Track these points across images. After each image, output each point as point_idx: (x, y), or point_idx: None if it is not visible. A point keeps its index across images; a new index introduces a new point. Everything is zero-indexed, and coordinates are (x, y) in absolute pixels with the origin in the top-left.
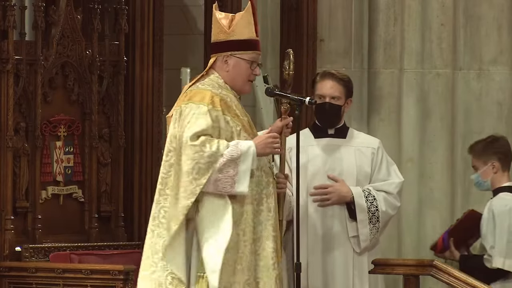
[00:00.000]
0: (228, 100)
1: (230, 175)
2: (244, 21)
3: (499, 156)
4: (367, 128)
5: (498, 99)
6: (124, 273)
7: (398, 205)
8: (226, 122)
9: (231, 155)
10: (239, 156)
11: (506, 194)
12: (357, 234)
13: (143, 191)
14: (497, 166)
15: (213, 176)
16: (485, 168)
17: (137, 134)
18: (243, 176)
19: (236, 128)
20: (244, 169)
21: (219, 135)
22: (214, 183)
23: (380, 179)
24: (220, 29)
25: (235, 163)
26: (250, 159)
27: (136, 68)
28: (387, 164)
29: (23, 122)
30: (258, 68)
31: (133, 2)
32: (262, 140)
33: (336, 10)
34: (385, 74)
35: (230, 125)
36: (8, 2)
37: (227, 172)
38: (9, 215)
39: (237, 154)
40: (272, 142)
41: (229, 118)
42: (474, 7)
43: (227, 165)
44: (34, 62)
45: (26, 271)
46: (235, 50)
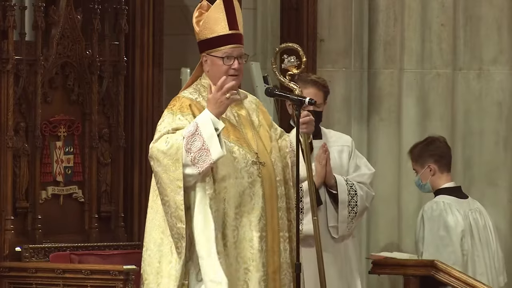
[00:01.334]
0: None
1: (199, 147)
2: (212, 18)
3: (435, 158)
4: (367, 128)
5: (498, 99)
6: (124, 273)
7: (372, 194)
8: None
9: (188, 131)
10: (196, 128)
11: (442, 197)
12: (336, 224)
13: (143, 191)
14: (434, 168)
15: (187, 160)
16: (423, 171)
17: (137, 134)
18: (211, 141)
19: None
20: (209, 135)
21: None
22: (194, 163)
23: (351, 172)
24: (195, 31)
25: (198, 135)
26: (210, 124)
27: (136, 68)
28: (358, 158)
29: (23, 122)
30: (236, 61)
31: (133, 2)
32: (211, 98)
33: (336, 10)
34: (385, 74)
35: None
36: (8, 2)
37: (195, 146)
38: (9, 215)
39: (194, 128)
40: (220, 95)
41: None
42: (474, 7)
43: (190, 142)
44: (34, 62)
45: (26, 272)
46: (207, 49)
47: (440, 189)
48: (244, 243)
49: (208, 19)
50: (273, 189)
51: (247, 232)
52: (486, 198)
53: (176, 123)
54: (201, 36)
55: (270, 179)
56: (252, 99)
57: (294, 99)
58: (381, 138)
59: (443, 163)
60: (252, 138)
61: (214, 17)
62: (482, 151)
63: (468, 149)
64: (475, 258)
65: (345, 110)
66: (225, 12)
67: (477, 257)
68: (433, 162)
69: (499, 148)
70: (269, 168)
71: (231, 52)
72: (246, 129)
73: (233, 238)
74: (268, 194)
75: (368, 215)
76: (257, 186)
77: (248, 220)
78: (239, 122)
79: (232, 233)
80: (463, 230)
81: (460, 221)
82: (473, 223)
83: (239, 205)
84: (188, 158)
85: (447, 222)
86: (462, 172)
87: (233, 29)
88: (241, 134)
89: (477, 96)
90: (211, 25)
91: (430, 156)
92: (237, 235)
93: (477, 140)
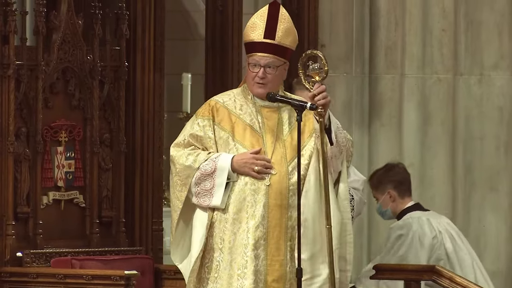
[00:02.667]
0: (229, 106)
1: (207, 189)
2: (252, 24)
3: (394, 185)
4: (368, 132)
5: (499, 104)
6: (125, 278)
7: (364, 201)
8: (212, 131)
9: (205, 169)
10: (213, 171)
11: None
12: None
13: (144, 196)
14: (394, 195)
15: (192, 189)
16: (383, 197)
17: (138, 139)
18: (218, 189)
19: (222, 137)
20: (219, 183)
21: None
22: (196, 195)
23: None
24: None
25: (211, 177)
26: (225, 174)
27: (137, 73)
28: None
29: (24, 127)
30: (262, 70)
31: (134, 7)
32: (242, 158)
33: (337, 15)
34: (386, 79)
35: (216, 134)
36: (9, 7)
37: (204, 185)
38: (10, 220)
39: (211, 169)
40: (252, 163)
41: (218, 127)
42: (475, 12)
43: (202, 178)
44: (35, 67)
45: (27, 277)
46: (246, 54)
47: (402, 211)
48: (240, 249)
49: (250, 24)
50: (283, 199)
51: (243, 238)
52: (487, 202)
53: (194, 129)
54: (243, 38)
55: (280, 188)
56: None
57: (295, 104)
58: (382, 142)
59: (402, 189)
60: (270, 146)
61: (254, 22)
62: (483, 156)
63: (469, 154)
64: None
65: (346, 115)
66: (266, 19)
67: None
68: (392, 189)
69: (500, 153)
70: (282, 178)
71: (258, 60)
72: (267, 137)
73: (229, 243)
74: (274, 204)
75: (369, 221)
76: (261, 194)
77: (246, 226)
78: (262, 129)
79: (229, 238)
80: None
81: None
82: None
83: (239, 211)
84: (193, 189)
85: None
86: (463, 177)
87: (268, 38)
88: (258, 141)
89: (478, 101)
90: (249, 30)
91: (389, 182)
92: (233, 241)
93: (478, 145)
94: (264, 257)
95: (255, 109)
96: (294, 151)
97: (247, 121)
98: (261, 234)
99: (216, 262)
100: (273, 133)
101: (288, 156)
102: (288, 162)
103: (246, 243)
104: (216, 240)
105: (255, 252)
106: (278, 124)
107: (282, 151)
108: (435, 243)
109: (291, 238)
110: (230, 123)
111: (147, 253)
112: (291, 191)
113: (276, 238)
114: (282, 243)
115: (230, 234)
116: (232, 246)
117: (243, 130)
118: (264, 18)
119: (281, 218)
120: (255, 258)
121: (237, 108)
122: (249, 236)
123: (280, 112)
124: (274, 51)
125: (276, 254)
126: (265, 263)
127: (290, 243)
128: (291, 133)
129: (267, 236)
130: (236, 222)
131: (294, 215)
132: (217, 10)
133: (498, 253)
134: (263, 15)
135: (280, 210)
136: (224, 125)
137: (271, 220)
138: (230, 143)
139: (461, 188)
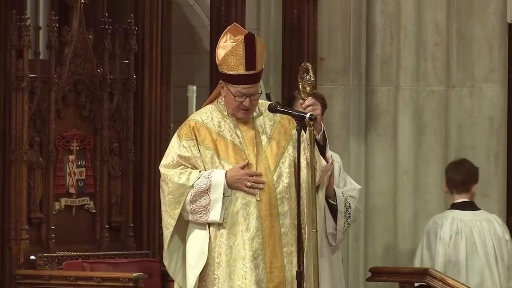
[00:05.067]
0: (208, 124)
1: (203, 205)
2: (232, 56)
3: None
4: (365, 142)
5: (489, 115)
6: (133, 280)
7: (360, 209)
8: (197, 150)
9: (199, 186)
10: (208, 188)
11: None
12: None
13: (151, 203)
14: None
15: (187, 207)
16: None
17: (146, 148)
18: (214, 205)
19: (208, 156)
20: (215, 198)
21: (191, 163)
22: (191, 212)
23: (341, 186)
24: (216, 55)
25: (206, 193)
26: (221, 189)
27: (145, 86)
28: (345, 173)
29: (38, 137)
30: (248, 100)
31: (142, 23)
32: (236, 174)
33: (336, 30)
34: (382, 91)
35: (201, 153)
36: (23, 23)
37: (200, 202)
38: (24, 225)
39: (206, 186)
40: (245, 180)
41: (202, 146)
42: (467, 27)
43: (198, 196)
44: (48, 80)
45: (40, 279)
46: (224, 80)
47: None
48: (238, 261)
49: (228, 56)
50: (272, 208)
51: (240, 251)
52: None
53: (181, 151)
54: (220, 67)
55: (269, 198)
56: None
57: (295, 115)
58: (378, 152)
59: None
60: (253, 159)
61: (234, 54)
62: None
63: None
64: None
65: (343, 125)
66: (245, 51)
67: None
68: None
69: (490, 162)
70: (269, 188)
71: (244, 92)
72: (249, 150)
73: (226, 256)
74: (265, 214)
75: (365, 225)
76: (252, 206)
77: (242, 239)
78: (243, 143)
79: (225, 252)
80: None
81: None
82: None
83: (233, 225)
84: (188, 207)
85: None
86: None
87: (250, 69)
88: (242, 156)
89: (469, 112)
90: (229, 62)
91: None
92: (230, 254)
93: (469, 154)
94: (264, 266)
95: (232, 124)
96: (275, 161)
97: (227, 137)
98: (257, 245)
99: (214, 276)
100: (253, 146)
101: (271, 166)
102: (272, 172)
103: (244, 255)
104: (213, 254)
105: (254, 263)
106: (255, 136)
107: (265, 162)
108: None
109: (286, 244)
110: (212, 142)
111: (154, 256)
112: (279, 200)
113: (272, 246)
114: (278, 250)
115: (226, 248)
116: (230, 259)
117: (225, 147)
118: (243, 49)
119: (274, 227)
120: (255, 268)
121: (215, 125)
122: (246, 248)
123: (255, 124)
124: (256, 79)
125: (274, 262)
126: (265, 271)
127: (286, 249)
128: (269, 143)
129: (264, 246)
130: (231, 235)
131: (286, 222)
132: (221, 25)
133: None
134: (238, 49)
135: (272, 219)
136: (207, 144)
137: (265, 230)
138: (215, 161)
139: None
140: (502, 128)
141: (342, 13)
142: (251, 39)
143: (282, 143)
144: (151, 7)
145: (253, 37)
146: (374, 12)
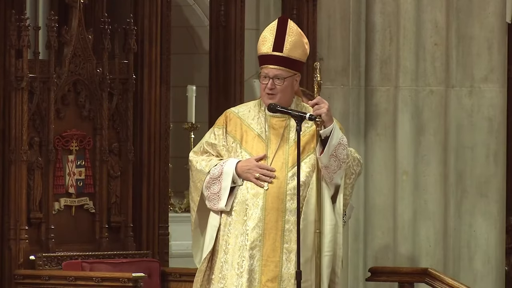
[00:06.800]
0: (243, 116)
1: (215, 192)
2: (263, 37)
3: None
4: (364, 142)
5: (488, 115)
6: (133, 280)
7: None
8: (225, 139)
9: (213, 173)
10: (220, 174)
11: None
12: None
13: (151, 203)
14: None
15: (204, 193)
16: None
17: (145, 148)
18: (224, 192)
19: (232, 145)
20: (225, 186)
21: (217, 150)
22: (207, 199)
23: None
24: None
25: (218, 180)
26: (229, 178)
27: (144, 86)
28: None
29: (37, 137)
30: (271, 81)
31: (142, 23)
32: (247, 164)
33: (335, 30)
34: (381, 91)
35: (227, 142)
36: (22, 23)
37: (213, 189)
38: (23, 225)
39: (218, 173)
40: (255, 171)
41: (229, 135)
42: (466, 27)
43: (211, 182)
44: (47, 80)
45: (39, 279)
46: (259, 65)
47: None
48: (240, 250)
49: (261, 38)
50: (280, 203)
51: (242, 240)
52: (477, 209)
53: (210, 137)
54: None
55: (277, 193)
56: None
57: (295, 115)
58: (377, 152)
59: None
60: (273, 152)
61: (265, 36)
62: (474, 164)
63: (460, 163)
64: None
65: (343, 125)
66: (275, 33)
67: None
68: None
69: (490, 161)
70: (280, 183)
71: (268, 72)
72: (272, 144)
73: (231, 244)
74: (271, 207)
75: (365, 225)
76: (259, 197)
77: (245, 228)
78: (268, 136)
79: (231, 240)
80: None
81: None
82: None
83: (240, 214)
84: (205, 193)
85: None
86: (455, 184)
87: (276, 50)
88: (262, 149)
89: (468, 112)
90: (261, 44)
91: None
92: (234, 242)
93: (469, 154)
94: (259, 258)
95: (264, 118)
96: (295, 158)
97: (256, 130)
98: (256, 235)
99: (220, 263)
100: (278, 141)
101: (290, 162)
102: (289, 168)
103: (244, 244)
104: (221, 242)
105: (250, 252)
106: (285, 131)
107: (285, 157)
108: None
109: (288, 241)
110: (240, 132)
111: (154, 256)
112: (288, 196)
113: (272, 240)
114: (278, 245)
115: (233, 236)
116: (234, 247)
117: (252, 138)
118: (273, 32)
119: (278, 221)
120: (249, 258)
121: (249, 118)
122: (247, 238)
123: (288, 122)
124: (282, 63)
125: (271, 255)
126: (260, 263)
127: (287, 246)
128: None
129: (263, 238)
130: (238, 224)
131: (291, 219)
132: (221, 25)
133: (488, 257)
134: (272, 29)
135: (277, 213)
136: (234, 133)
137: (267, 223)
138: (237, 150)
139: (452, 194)
140: (502, 128)
141: (341, 13)
142: (284, 21)
143: (311, 144)
144: (151, 7)
145: (286, 20)
146: (374, 12)
